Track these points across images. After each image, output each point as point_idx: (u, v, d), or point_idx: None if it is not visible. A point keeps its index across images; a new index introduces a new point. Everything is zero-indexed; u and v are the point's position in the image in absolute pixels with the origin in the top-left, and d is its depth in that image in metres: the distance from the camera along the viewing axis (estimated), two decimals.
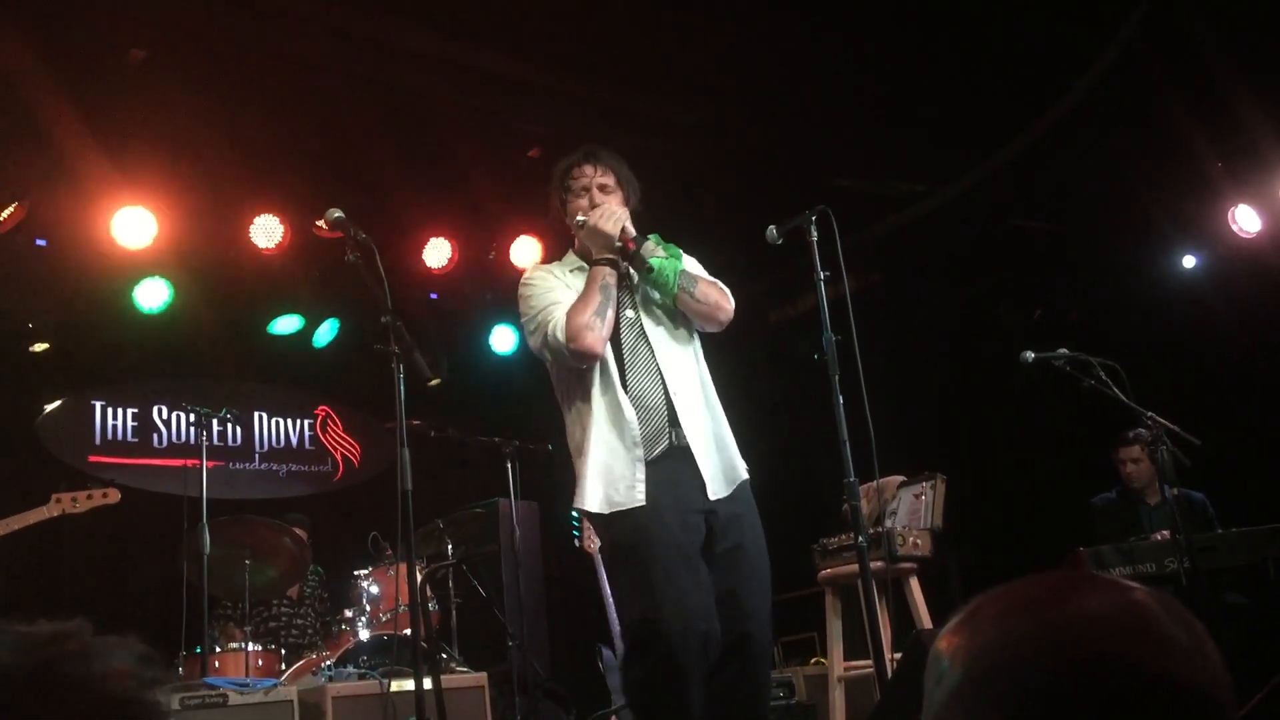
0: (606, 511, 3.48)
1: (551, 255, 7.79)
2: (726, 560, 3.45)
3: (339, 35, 6.01)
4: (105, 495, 5.25)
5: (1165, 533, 5.76)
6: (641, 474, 3.46)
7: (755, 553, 3.51)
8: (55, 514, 5.09)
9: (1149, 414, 5.15)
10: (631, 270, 3.73)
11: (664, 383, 3.58)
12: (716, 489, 3.51)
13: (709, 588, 3.36)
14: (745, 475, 3.62)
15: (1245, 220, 7.33)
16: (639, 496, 3.43)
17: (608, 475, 3.51)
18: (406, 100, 6.52)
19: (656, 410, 3.55)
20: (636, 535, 3.40)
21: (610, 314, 3.58)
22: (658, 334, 3.68)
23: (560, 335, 3.53)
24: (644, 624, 3.31)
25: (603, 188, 3.77)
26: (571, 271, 3.79)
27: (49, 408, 7.25)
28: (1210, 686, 1.00)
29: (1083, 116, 6.72)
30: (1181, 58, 6.31)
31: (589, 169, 3.77)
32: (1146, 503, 6.38)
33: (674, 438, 3.53)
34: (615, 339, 3.65)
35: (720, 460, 3.59)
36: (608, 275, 3.63)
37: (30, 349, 7.05)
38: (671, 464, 3.50)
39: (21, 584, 6.54)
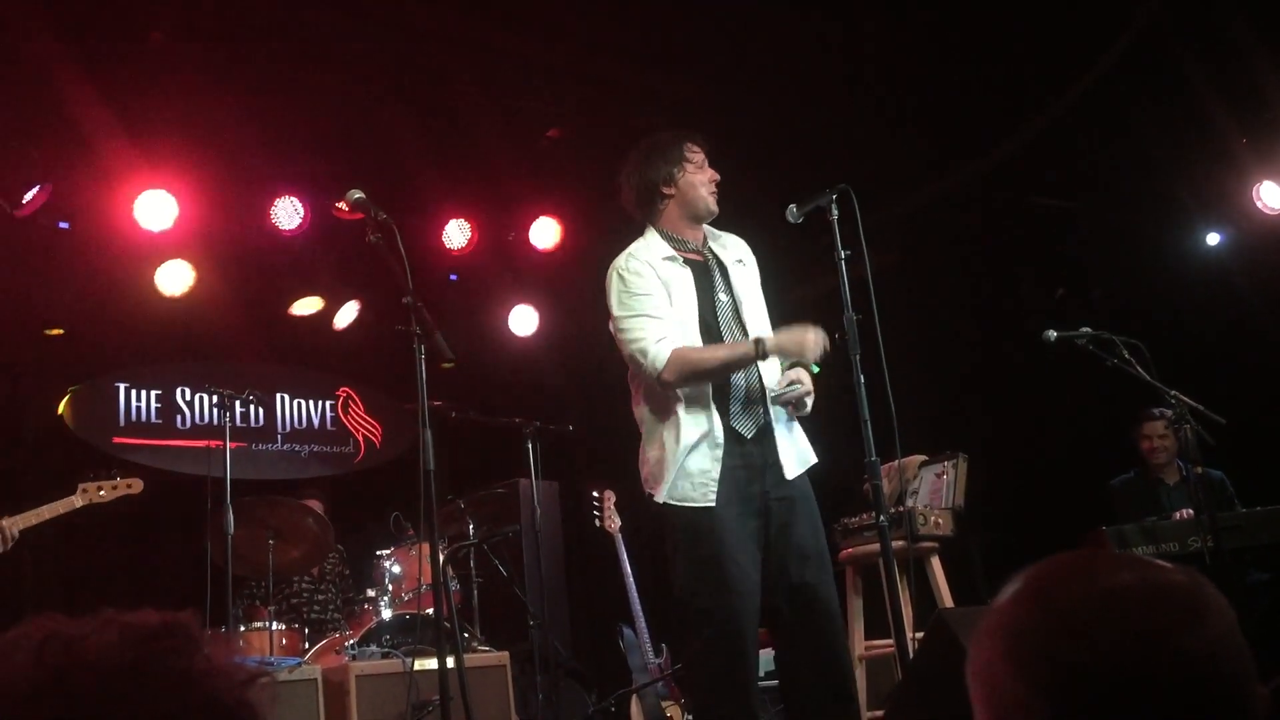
0: (677, 505, 3.69)
1: (574, 236, 7.82)
2: (784, 535, 3.70)
3: (359, 15, 6.01)
4: (129, 486, 5.44)
5: (1187, 511, 5.74)
6: (717, 473, 3.66)
7: (810, 525, 3.77)
8: (82, 504, 5.26)
9: (1173, 392, 5.12)
10: (723, 258, 3.97)
11: (757, 365, 3.79)
12: (792, 469, 3.76)
13: (760, 564, 3.64)
14: (814, 459, 3.89)
15: (1270, 197, 7.26)
16: (711, 497, 3.64)
17: (685, 469, 3.70)
18: (426, 81, 6.52)
19: (754, 391, 3.77)
20: (704, 527, 3.64)
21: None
22: (750, 317, 3.90)
23: (659, 366, 3.68)
24: (705, 599, 3.60)
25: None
26: (665, 260, 3.91)
27: (73, 389, 7.30)
28: (1238, 663, 1.01)
29: (1105, 93, 6.66)
30: (1205, 32, 6.25)
31: (700, 146, 4.00)
32: (1165, 482, 6.36)
33: (764, 419, 3.76)
34: (712, 323, 3.83)
35: (797, 442, 3.84)
36: (746, 360, 3.77)
37: (47, 332, 7.10)
38: (757, 445, 3.74)
39: (47, 564, 6.61)
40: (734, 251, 4.05)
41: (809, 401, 3.82)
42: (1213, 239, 7.77)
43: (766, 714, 3.72)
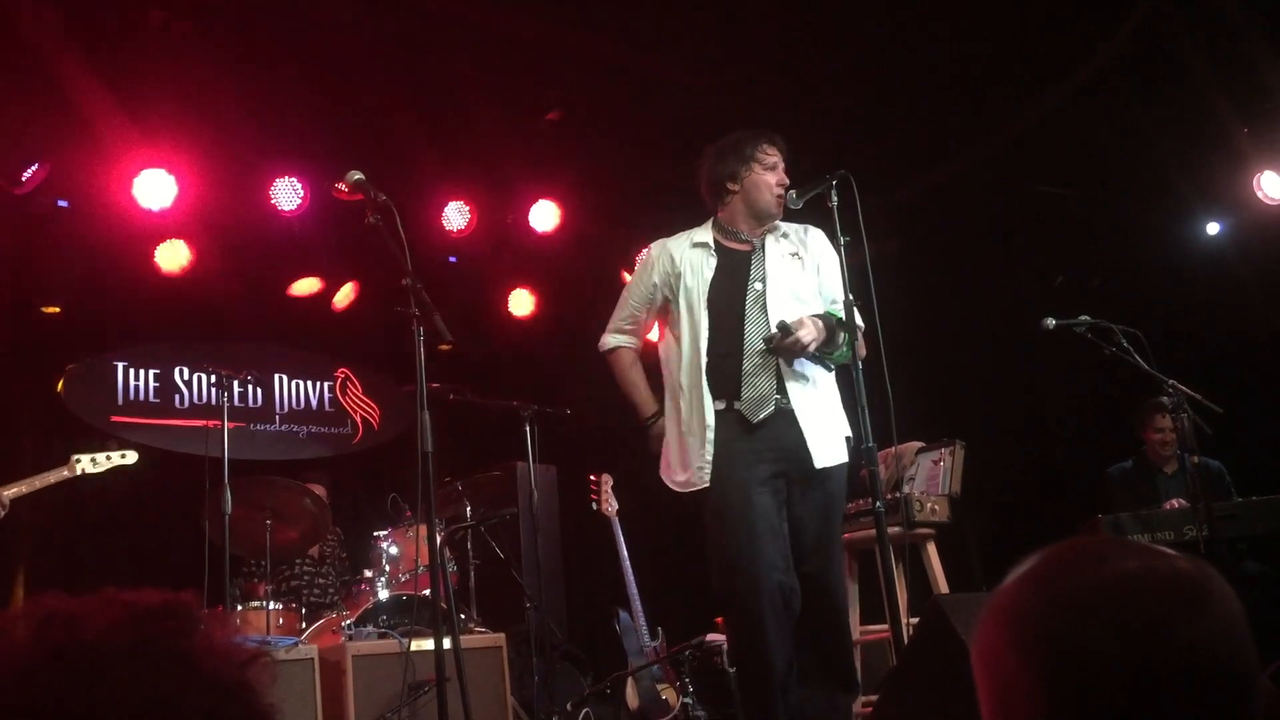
0: (684, 491, 3.95)
1: (573, 219, 7.81)
2: (798, 522, 3.88)
3: None
4: (123, 456, 5.46)
5: (1178, 500, 5.76)
6: (709, 455, 3.85)
7: (823, 515, 3.91)
8: (74, 474, 5.25)
9: (1170, 382, 5.13)
10: (771, 251, 4.08)
11: (775, 357, 3.91)
12: (822, 458, 3.87)
13: (784, 545, 3.81)
14: (845, 452, 3.98)
15: (1270, 187, 7.25)
16: (705, 478, 3.86)
17: (682, 457, 3.96)
18: (427, 62, 6.50)
19: (766, 380, 3.88)
20: (716, 507, 3.84)
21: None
22: (779, 306, 3.95)
23: (603, 349, 4.29)
24: (722, 581, 3.79)
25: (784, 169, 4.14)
26: (694, 246, 4.10)
27: (71, 368, 7.30)
28: (1242, 653, 1.01)
29: (1106, 81, 6.65)
30: (1207, 21, 6.23)
31: (778, 148, 4.12)
32: (1164, 472, 6.36)
33: (777, 405, 3.86)
34: (724, 309, 3.96)
35: (825, 432, 3.93)
36: (640, 413, 4.23)
37: (44, 309, 7.09)
38: (774, 429, 3.86)
39: (46, 543, 6.62)
40: (791, 246, 4.12)
41: (806, 342, 3.82)
42: (1213, 228, 7.76)
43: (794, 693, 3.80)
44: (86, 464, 5.27)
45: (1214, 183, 7.43)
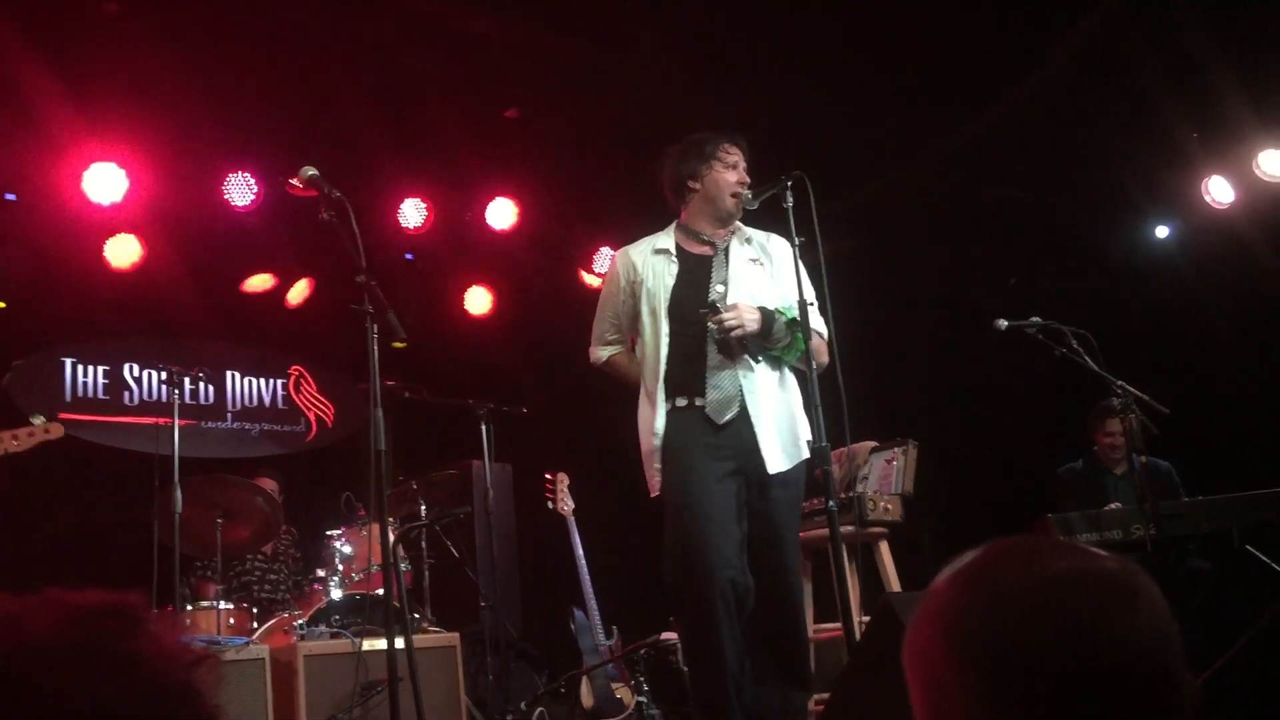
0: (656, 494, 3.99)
1: (530, 218, 7.79)
2: (759, 522, 3.89)
3: None
4: (47, 431, 5.08)
5: (1116, 505, 5.84)
6: (658, 463, 3.93)
7: (783, 516, 3.94)
8: None
9: (1119, 383, 5.19)
10: (734, 254, 4.11)
11: (733, 362, 3.95)
12: (776, 464, 3.89)
13: (739, 543, 3.82)
14: (806, 454, 3.97)
15: (1219, 191, 7.36)
16: (657, 485, 3.94)
17: (650, 457, 4.00)
18: (383, 59, 6.46)
19: (731, 381, 3.91)
20: (674, 503, 3.88)
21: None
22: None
23: (594, 361, 4.30)
24: (674, 577, 3.82)
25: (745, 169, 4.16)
26: (656, 253, 4.13)
27: (17, 364, 7.17)
28: (1168, 651, 1.03)
29: (1058, 86, 6.72)
30: (1158, 27, 6.31)
31: (739, 149, 4.16)
32: (1113, 473, 6.44)
33: (741, 406, 3.90)
34: (689, 311, 3.97)
35: (782, 436, 3.95)
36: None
37: None
38: (735, 429, 3.89)
39: None
40: (753, 251, 4.15)
41: (730, 326, 3.87)
42: (1162, 232, 7.87)
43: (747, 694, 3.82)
44: (8, 442, 4.89)
45: (1163, 187, 7.54)
